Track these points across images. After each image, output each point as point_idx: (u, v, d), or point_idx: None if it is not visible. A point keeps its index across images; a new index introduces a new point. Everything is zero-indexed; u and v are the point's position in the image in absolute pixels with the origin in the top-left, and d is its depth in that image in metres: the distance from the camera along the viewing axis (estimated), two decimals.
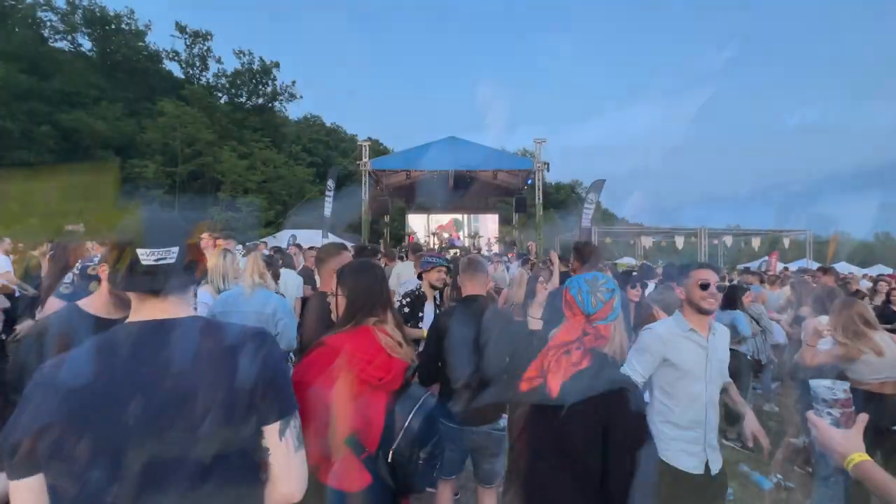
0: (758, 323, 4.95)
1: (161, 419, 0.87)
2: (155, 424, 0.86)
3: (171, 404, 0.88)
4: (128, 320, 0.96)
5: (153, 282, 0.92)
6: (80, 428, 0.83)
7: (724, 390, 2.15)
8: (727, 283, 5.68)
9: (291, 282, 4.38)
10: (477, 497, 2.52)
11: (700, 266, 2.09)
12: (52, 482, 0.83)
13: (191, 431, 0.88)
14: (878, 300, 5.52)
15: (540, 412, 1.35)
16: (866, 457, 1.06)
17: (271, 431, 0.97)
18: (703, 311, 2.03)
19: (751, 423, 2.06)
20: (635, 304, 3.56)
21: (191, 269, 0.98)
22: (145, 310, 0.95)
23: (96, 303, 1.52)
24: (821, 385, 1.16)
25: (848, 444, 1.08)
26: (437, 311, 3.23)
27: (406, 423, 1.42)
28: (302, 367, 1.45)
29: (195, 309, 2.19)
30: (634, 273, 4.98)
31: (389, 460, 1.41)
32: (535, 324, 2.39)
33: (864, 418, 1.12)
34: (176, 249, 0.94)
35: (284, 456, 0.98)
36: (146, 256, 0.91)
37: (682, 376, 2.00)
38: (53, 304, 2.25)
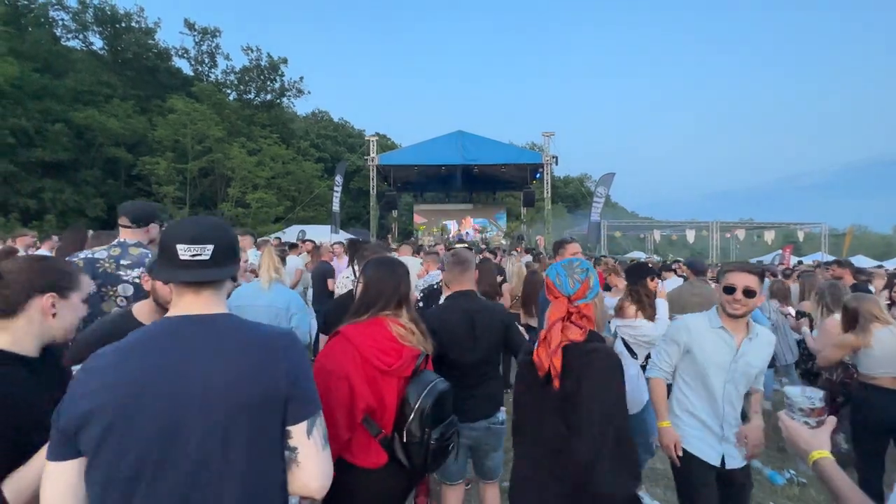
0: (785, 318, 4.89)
1: (187, 415, 0.90)
2: (182, 419, 0.90)
3: (197, 400, 0.91)
4: (166, 315, 1.02)
5: (188, 274, 0.98)
6: (114, 417, 0.87)
7: (747, 394, 2.13)
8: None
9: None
10: (480, 492, 2.50)
11: (734, 267, 2.03)
12: (91, 468, 0.88)
13: (217, 428, 0.91)
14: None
15: (538, 384, 1.46)
16: (827, 454, 1.10)
17: (299, 430, 1.01)
18: (729, 315, 2.00)
19: (747, 428, 2.02)
20: None
21: (225, 266, 1.04)
22: (182, 304, 1.01)
23: (144, 309, 1.62)
24: (798, 395, 1.20)
25: (813, 441, 1.13)
26: None
27: (417, 405, 1.53)
28: (322, 355, 1.56)
29: None
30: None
31: (404, 440, 1.52)
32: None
33: (832, 420, 1.17)
34: (211, 247, 1.00)
35: (313, 454, 1.02)
36: (184, 252, 0.97)
37: (702, 371, 2.02)
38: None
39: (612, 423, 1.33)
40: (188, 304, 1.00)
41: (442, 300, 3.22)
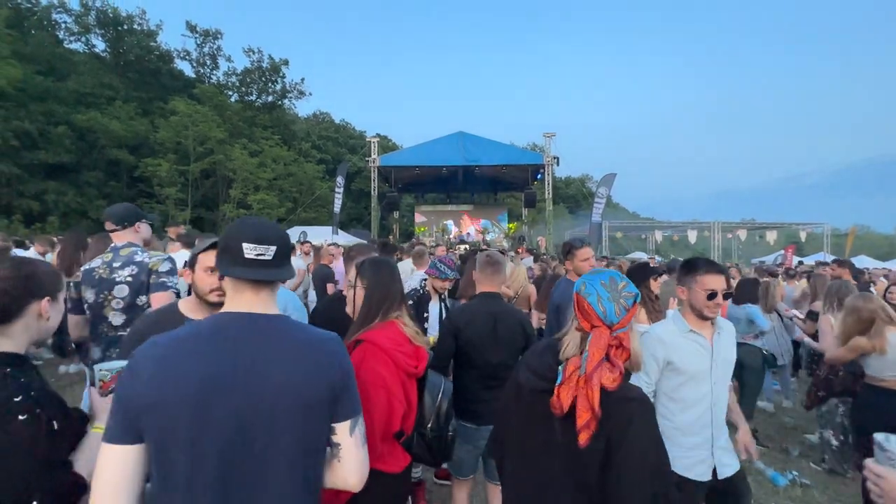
0: (781, 319, 4.86)
1: (256, 411, 0.94)
2: (251, 415, 0.94)
3: (266, 397, 0.95)
4: (224, 309, 1.04)
5: (253, 273, 1.03)
6: (186, 409, 0.90)
7: None
8: (741, 278, 5.58)
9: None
10: (487, 494, 2.54)
11: (707, 269, 1.93)
12: (153, 453, 0.90)
13: (280, 424, 0.96)
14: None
15: (544, 424, 1.22)
16: None
17: (343, 428, 1.07)
18: (704, 318, 1.94)
19: (743, 437, 2.01)
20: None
21: (284, 268, 1.08)
22: (241, 301, 1.04)
23: (188, 303, 1.69)
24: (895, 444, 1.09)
25: None
26: (446, 309, 3.20)
27: (437, 404, 1.62)
28: (355, 365, 1.52)
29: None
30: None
31: (427, 439, 1.60)
32: None
33: None
34: (274, 248, 1.05)
35: (354, 451, 1.08)
36: (249, 251, 1.02)
37: (686, 380, 1.91)
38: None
39: (665, 483, 1.12)
40: (247, 301, 1.03)
41: (431, 306, 3.19)
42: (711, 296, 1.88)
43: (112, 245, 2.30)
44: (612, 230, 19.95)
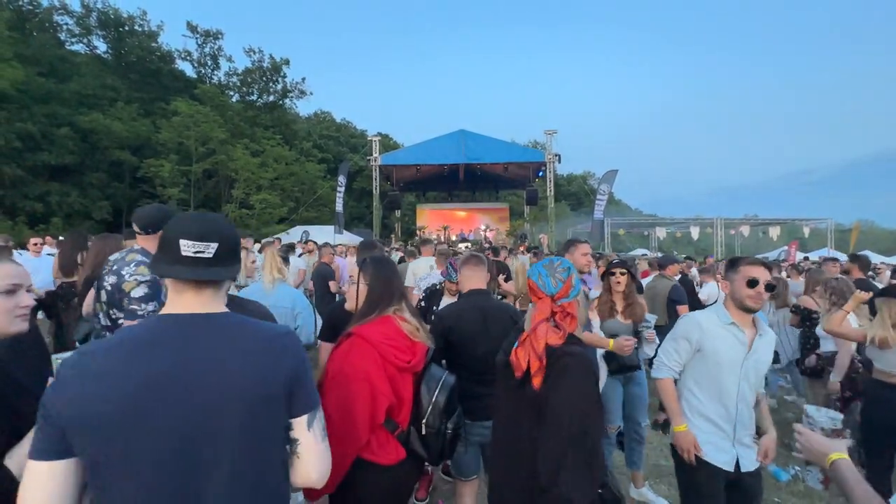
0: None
1: (204, 414, 0.89)
2: (199, 419, 0.89)
3: (214, 399, 0.90)
4: (163, 312, 0.98)
5: (190, 272, 0.96)
6: (128, 419, 0.84)
7: (756, 402, 2.07)
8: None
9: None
10: (488, 490, 2.55)
11: (750, 262, 1.99)
12: (89, 468, 0.85)
13: (231, 426, 0.91)
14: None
15: (514, 386, 1.43)
16: (846, 455, 1.15)
17: (300, 423, 1.03)
18: (746, 309, 1.95)
19: (766, 441, 2.00)
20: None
21: (227, 266, 1.02)
22: (181, 302, 0.98)
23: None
24: (822, 416, 1.33)
25: (832, 445, 1.20)
26: None
27: (433, 399, 1.60)
28: (339, 357, 1.55)
29: None
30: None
31: (422, 434, 1.58)
32: None
33: (848, 442, 1.27)
34: (215, 246, 0.97)
35: (313, 446, 1.04)
36: (187, 248, 0.95)
37: (715, 369, 1.96)
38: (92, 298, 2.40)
39: (583, 430, 1.26)
40: (188, 302, 0.97)
41: (443, 301, 3.24)
42: (751, 283, 1.91)
43: (132, 246, 2.23)
44: (614, 227, 19.91)
